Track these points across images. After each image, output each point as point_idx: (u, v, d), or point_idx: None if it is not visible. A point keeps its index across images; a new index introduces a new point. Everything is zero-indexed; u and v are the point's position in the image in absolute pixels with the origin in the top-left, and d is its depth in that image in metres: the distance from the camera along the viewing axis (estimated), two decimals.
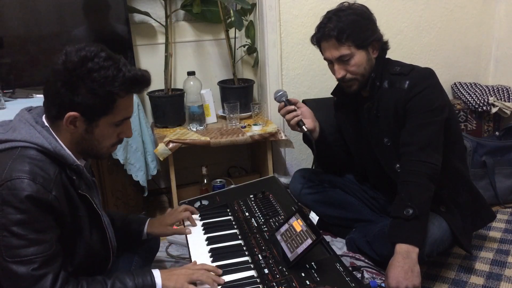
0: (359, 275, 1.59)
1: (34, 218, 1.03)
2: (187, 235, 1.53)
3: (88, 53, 1.07)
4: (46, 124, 1.14)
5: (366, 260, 1.72)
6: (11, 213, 1.01)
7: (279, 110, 1.74)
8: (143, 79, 1.15)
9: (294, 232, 1.33)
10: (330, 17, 1.60)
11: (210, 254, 1.40)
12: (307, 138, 1.77)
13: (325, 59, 1.68)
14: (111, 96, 1.10)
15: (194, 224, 1.57)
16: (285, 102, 1.71)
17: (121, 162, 2.00)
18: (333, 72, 1.66)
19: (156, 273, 1.20)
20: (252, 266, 1.32)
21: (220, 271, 1.27)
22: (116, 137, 1.20)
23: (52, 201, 1.05)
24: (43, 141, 1.08)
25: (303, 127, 1.68)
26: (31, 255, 1.03)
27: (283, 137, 2.25)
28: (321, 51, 1.68)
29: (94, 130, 1.14)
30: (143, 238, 1.52)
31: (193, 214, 1.60)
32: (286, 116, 1.70)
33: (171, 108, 2.29)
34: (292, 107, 1.70)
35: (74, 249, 1.16)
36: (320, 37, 1.63)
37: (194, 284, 1.22)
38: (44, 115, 1.16)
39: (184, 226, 1.57)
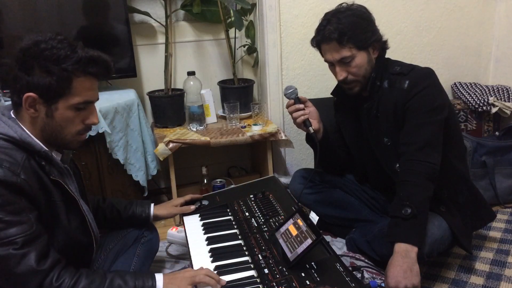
0: (359, 275, 1.59)
1: (6, 200, 1.04)
2: (187, 235, 1.54)
3: (42, 37, 1.11)
4: (13, 116, 1.17)
5: (366, 260, 1.72)
6: None
7: (287, 107, 1.72)
8: (100, 59, 1.16)
9: (294, 232, 1.33)
10: (330, 19, 1.59)
11: (210, 254, 1.40)
12: (310, 139, 1.77)
13: (325, 61, 1.67)
14: (66, 74, 1.11)
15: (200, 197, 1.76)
16: (295, 99, 1.69)
17: (121, 162, 2.00)
18: (334, 74, 1.65)
19: (159, 277, 1.19)
20: (252, 266, 1.32)
21: (225, 281, 1.25)
22: (80, 123, 1.20)
23: (21, 183, 1.06)
24: (8, 130, 1.11)
25: (310, 128, 1.67)
26: (11, 236, 1.04)
27: (283, 137, 2.25)
28: (321, 53, 1.68)
29: (54, 114, 1.15)
30: (150, 221, 1.62)
31: (197, 198, 1.75)
32: (294, 114, 1.68)
33: (171, 108, 2.29)
34: (302, 105, 1.68)
35: (53, 235, 1.17)
36: (321, 40, 1.62)
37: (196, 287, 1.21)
38: (12, 110, 1.19)
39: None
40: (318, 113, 1.74)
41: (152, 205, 1.63)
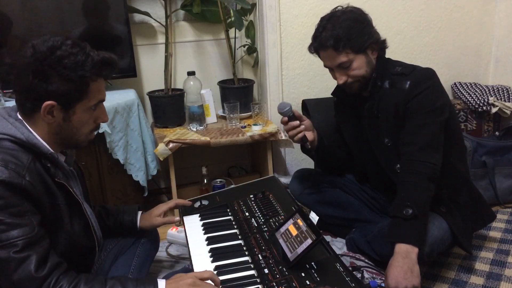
0: (359, 275, 1.59)
1: (10, 202, 1.04)
2: (187, 235, 1.53)
3: (55, 42, 1.10)
4: (20, 117, 1.16)
5: (366, 260, 1.72)
6: None
7: (282, 123, 1.69)
8: (111, 60, 1.18)
9: (294, 232, 1.33)
10: (325, 25, 1.58)
11: (210, 254, 1.40)
12: (306, 150, 1.78)
13: (325, 66, 1.67)
14: (84, 80, 1.12)
15: (188, 204, 1.69)
16: (290, 117, 1.66)
17: (121, 162, 2.00)
18: (334, 78, 1.65)
19: (161, 283, 1.15)
20: (252, 266, 1.32)
21: None
22: (93, 122, 1.22)
23: (26, 185, 1.06)
24: (15, 132, 1.11)
25: (307, 143, 1.67)
26: (12, 239, 1.03)
27: (283, 137, 2.25)
28: (320, 58, 1.68)
29: (71, 118, 1.16)
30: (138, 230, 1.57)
31: (183, 204, 1.68)
32: (290, 133, 1.66)
33: (171, 108, 2.29)
34: (297, 122, 1.65)
35: (55, 239, 1.16)
36: (317, 47, 1.62)
37: None
38: (18, 111, 1.18)
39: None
40: (311, 125, 1.73)
41: (140, 213, 1.58)
